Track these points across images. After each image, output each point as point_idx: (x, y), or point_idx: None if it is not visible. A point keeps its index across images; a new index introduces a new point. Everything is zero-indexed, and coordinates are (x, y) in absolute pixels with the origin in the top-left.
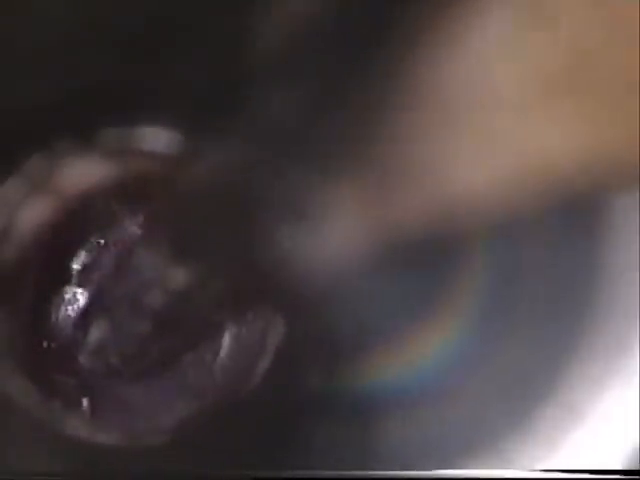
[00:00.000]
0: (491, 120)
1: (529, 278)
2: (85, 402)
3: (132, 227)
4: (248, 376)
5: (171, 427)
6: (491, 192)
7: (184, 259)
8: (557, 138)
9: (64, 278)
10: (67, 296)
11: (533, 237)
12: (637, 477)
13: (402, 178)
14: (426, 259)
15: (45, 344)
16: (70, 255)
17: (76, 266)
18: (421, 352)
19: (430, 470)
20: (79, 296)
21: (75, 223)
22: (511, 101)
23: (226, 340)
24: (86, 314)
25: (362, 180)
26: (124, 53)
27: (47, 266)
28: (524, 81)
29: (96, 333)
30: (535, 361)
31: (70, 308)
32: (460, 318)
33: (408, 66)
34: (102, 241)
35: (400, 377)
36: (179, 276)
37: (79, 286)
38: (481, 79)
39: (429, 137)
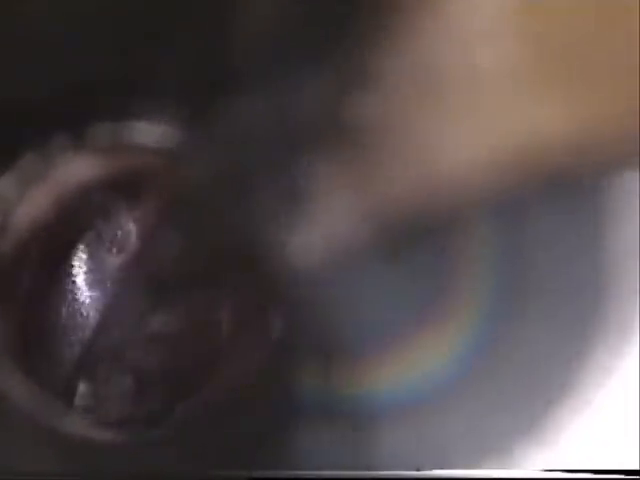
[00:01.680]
0: (481, 100)
1: (530, 269)
2: (84, 401)
3: (128, 222)
4: (246, 376)
5: (170, 427)
6: (483, 173)
7: (178, 252)
8: (546, 119)
9: (60, 275)
10: (64, 293)
11: (533, 219)
12: (637, 477)
13: (393, 162)
14: (423, 251)
15: (43, 342)
16: (66, 251)
17: (72, 262)
18: (421, 350)
19: (431, 470)
20: (76, 292)
21: (70, 219)
22: (500, 81)
23: (223, 339)
24: (82, 310)
25: (352, 165)
26: (117, 49)
27: (43, 263)
28: (513, 61)
29: (93, 330)
30: (535, 361)
31: (66, 304)
32: (460, 317)
33: (395, 47)
34: (98, 237)
35: (400, 375)
36: (174, 269)
37: (75, 282)
38: (469, 60)
39: (419, 119)
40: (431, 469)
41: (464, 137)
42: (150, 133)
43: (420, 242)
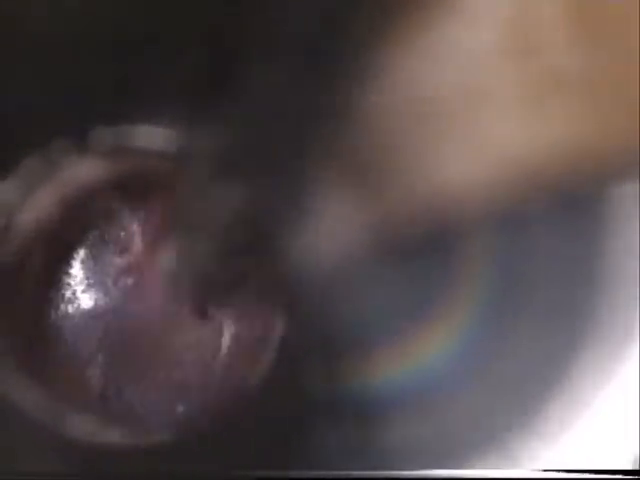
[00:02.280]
0: (482, 116)
1: (530, 273)
2: (88, 403)
3: (131, 224)
4: (248, 375)
5: (171, 427)
6: (484, 187)
7: (180, 253)
8: (546, 133)
9: (64, 276)
10: (67, 295)
11: (534, 230)
12: (637, 477)
13: (397, 173)
14: (424, 255)
15: (46, 343)
16: (70, 254)
17: (75, 264)
18: (422, 349)
19: (431, 469)
20: (79, 294)
21: (74, 222)
22: (498, 98)
23: (226, 339)
24: (86, 312)
25: (355, 177)
26: (120, 52)
27: (47, 264)
28: (511, 79)
29: (96, 331)
30: (536, 361)
31: (70, 306)
32: (461, 316)
33: (395, 64)
34: (102, 239)
35: (401, 375)
36: (174, 273)
37: (79, 284)
38: (470, 76)
39: (421, 134)
40: (431, 469)
41: (466, 151)
42: (153, 136)
43: (422, 248)
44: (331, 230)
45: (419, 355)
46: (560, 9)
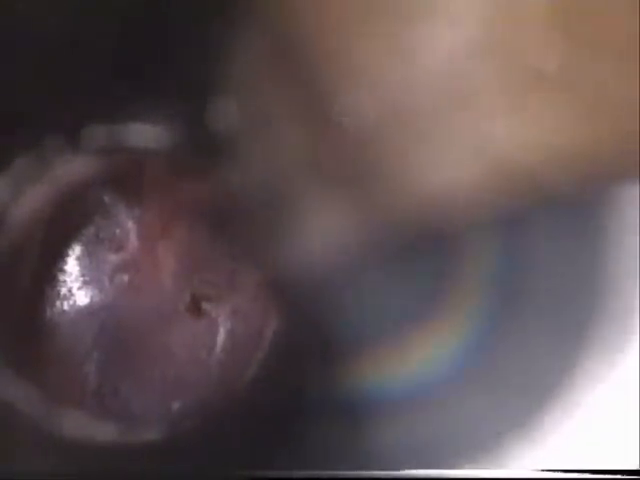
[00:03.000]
0: (475, 119)
1: (527, 277)
2: (84, 400)
3: (126, 221)
4: (244, 375)
5: (167, 424)
6: (481, 190)
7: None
8: (542, 135)
9: (59, 274)
10: (62, 292)
11: (531, 232)
12: (637, 477)
13: (388, 176)
14: (422, 256)
15: (40, 341)
16: (65, 251)
17: (71, 262)
18: (419, 351)
19: (429, 470)
20: (74, 291)
21: (68, 219)
22: (485, 102)
23: (221, 337)
24: (81, 309)
25: (352, 177)
26: (112, 51)
27: (42, 263)
28: (493, 79)
29: (91, 328)
30: (535, 361)
31: (65, 304)
32: (458, 317)
33: (375, 65)
34: (96, 236)
35: (398, 376)
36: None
37: (74, 281)
38: (462, 78)
39: (414, 137)
40: (429, 469)
41: (454, 155)
42: (146, 134)
43: (421, 249)
44: (328, 229)
45: (415, 356)
46: (540, 8)
